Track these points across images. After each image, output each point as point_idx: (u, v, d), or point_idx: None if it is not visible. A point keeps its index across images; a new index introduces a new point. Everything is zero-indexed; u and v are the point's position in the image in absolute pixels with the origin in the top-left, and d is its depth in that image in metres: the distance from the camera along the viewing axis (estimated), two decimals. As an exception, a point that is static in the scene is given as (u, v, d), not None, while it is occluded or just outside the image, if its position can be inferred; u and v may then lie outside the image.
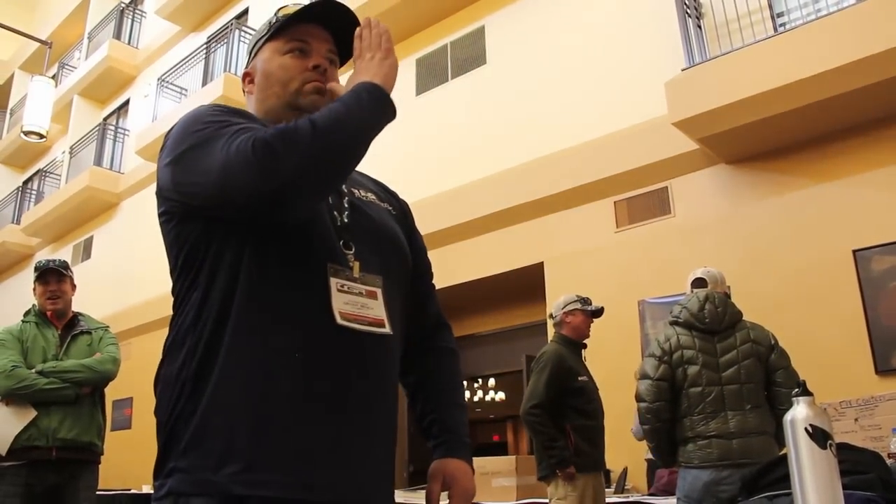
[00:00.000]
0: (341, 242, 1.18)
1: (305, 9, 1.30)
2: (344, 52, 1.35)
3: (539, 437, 3.72)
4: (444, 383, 1.39)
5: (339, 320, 1.12)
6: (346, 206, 1.25)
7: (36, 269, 3.38)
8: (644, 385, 3.21)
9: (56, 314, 3.39)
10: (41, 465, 3.09)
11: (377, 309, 1.18)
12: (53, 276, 3.38)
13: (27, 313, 3.44)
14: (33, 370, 3.15)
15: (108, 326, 3.61)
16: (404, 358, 1.32)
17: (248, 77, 1.35)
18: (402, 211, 1.42)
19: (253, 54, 1.36)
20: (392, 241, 1.30)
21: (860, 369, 4.71)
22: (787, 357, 3.15)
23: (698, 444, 3.04)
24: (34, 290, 3.44)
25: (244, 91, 1.36)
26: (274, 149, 1.01)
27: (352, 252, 1.19)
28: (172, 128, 1.18)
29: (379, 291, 1.20)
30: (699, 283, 3.41)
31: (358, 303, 1.16)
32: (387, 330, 1.18)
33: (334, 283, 1.14)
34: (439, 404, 1.36)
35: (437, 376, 1.40)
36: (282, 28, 1.31)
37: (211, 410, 1.06)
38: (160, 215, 1.18)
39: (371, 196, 1.34)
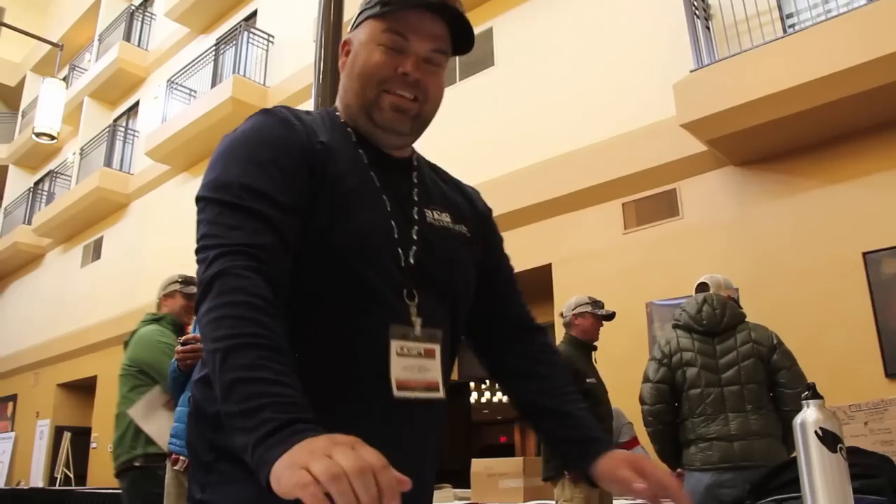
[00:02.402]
0: (404, 292, 1.03)
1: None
2: (458, 44, 1.13)
3: None
4: (566, 405, 1.21)
5: (396, 392, 0.98)
6: (414, 237, 1.07)
7: (189, 282, 3.48)
8: (645, 388, 3.24)
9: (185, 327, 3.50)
10: None
11: (434, 370, 1.04)
12: None
13: (160, 320, 3.50)
14: None
15: None
16: (508, 377, 1.22)
17: (345, 48, 1.17)
18: (477, 227, 1.22)
19: (355, 24, 1.16)
20: (460, 284, 1.14)
21: (870, 373, 4.68)
22: (790, 357, 3.12)
23: (699, 447, 3.04)
24: (165, 299, 3.55)
25: (340, 59, 1.19)
26: (201, 302, 0.87)
27: (414, 303, 1.04)
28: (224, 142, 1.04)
29: (437, 348, 1.05)
30: (701, 287, 3.41)
31: (415, 366, 1.02)
32: (440, 394, 1.05)
33: (395, 346, 1.01)
34: (574, 426, 1.18)
35: (557, 398, 1.22)
36: (388, 7, 1.08)
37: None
38: None
39: (445, 217, 1.15)
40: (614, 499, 3.87)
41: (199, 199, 0.98)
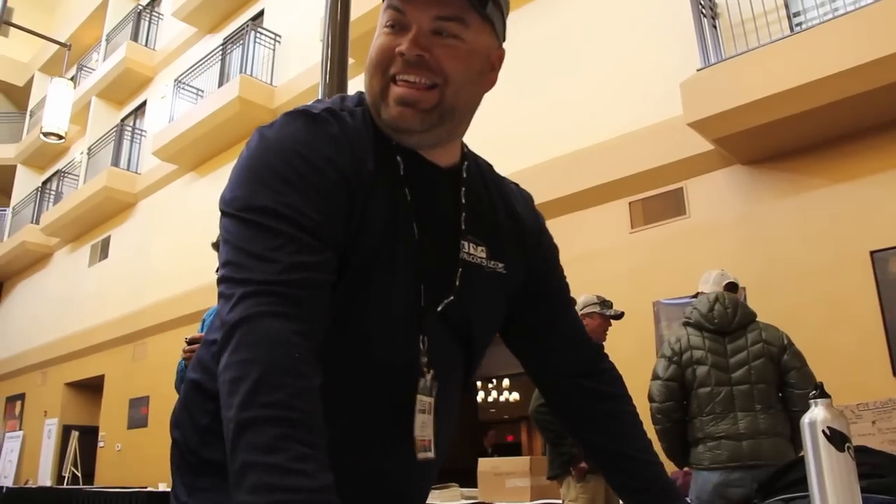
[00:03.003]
0: (421, 337, 0.94)
1: None
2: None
3: (547, 434, 3.73)
4: (643, 452, 1.12)
5: (419, 454, 0.92)
6: (457, 282, 0.96)
7: None
8: (655, 385, 3.23)
9: None
10: None
11: (429, 428, 0.95)
12: None
13: None
14: None
15: None
16: (576, 419, 1.13)
17: None
18: (520, 252, 1.07)
19: None
20: (482, 332, 1.03)
21: (878, 371, 4.66)
22: (801, 358, 3.12)
23: (708, 446, 3.03)
24: None
25: None
26: (222, 351, 0.76)
27: (424, 347, 0.94)
28: (253, 143, 0.89)
29: (432, 402, 0.96)
30: (730, 286, 3.39)
31: (423, 421, 0.94)
32: (430, 455, 0.96)
33: (420, 402, 0.93)
34: (653, 477, 1.09)
35: (631, 443, 1.12)
36: None
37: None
38: None
39: (480, 253, 1.00)
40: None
41: (224, 214, 0.85)
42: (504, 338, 1.17)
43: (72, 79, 13.78)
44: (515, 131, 7.20)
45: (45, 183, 16.83)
